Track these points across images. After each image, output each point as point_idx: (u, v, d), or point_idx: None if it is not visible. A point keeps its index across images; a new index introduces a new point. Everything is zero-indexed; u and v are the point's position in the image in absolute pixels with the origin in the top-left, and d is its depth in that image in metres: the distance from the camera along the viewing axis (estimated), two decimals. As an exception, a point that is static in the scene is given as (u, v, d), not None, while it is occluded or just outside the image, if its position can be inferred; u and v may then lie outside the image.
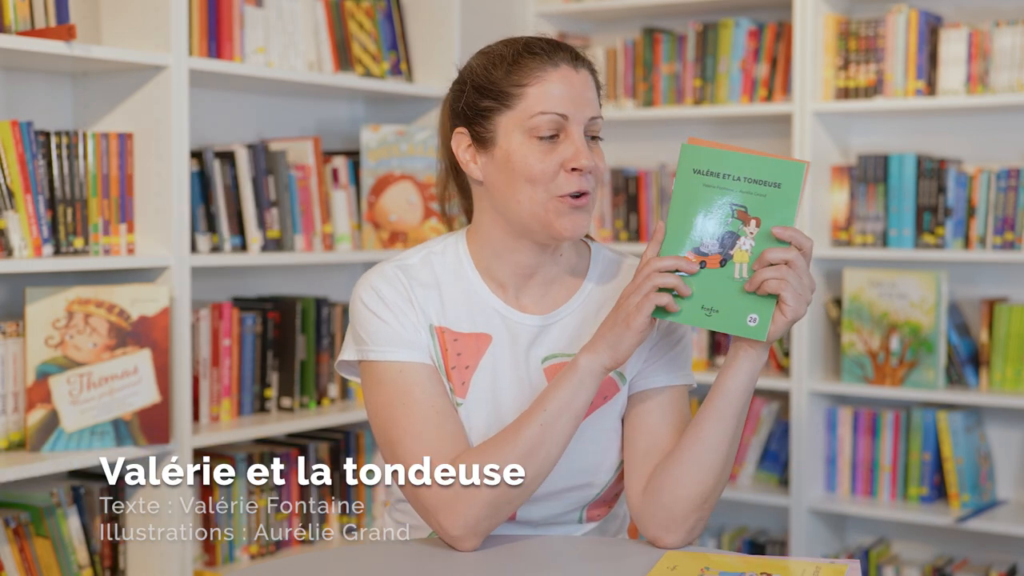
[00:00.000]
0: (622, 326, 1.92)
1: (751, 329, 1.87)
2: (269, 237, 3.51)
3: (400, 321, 2.03)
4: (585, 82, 2.02)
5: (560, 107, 1.98)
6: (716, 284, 1.88)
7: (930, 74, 4.01)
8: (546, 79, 1.99)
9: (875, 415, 4.11)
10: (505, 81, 2.01)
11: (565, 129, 1.99)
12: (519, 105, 2.00)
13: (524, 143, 1.99)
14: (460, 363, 2.05)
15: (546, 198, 1.99)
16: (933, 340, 3.95)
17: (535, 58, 2.00)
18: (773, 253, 1.86)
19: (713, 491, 1.96)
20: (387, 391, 2.01)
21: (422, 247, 2.14)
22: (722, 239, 1.89)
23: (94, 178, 3.09)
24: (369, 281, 2.07)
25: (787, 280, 1.85)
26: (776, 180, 1.87)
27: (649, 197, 4.50)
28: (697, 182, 1.90)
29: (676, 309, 1.89)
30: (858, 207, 4.10)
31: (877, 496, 4.10)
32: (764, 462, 4.33)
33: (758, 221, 1.87)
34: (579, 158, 1.97)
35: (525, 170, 1.99)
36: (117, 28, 3.22)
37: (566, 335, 2.08)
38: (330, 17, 3.71)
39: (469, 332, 2.07)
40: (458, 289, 2.09)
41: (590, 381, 1.95)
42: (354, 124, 4.09)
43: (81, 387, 3.01)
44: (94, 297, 3.02)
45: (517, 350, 2.07)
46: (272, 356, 3.56)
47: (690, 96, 4.41)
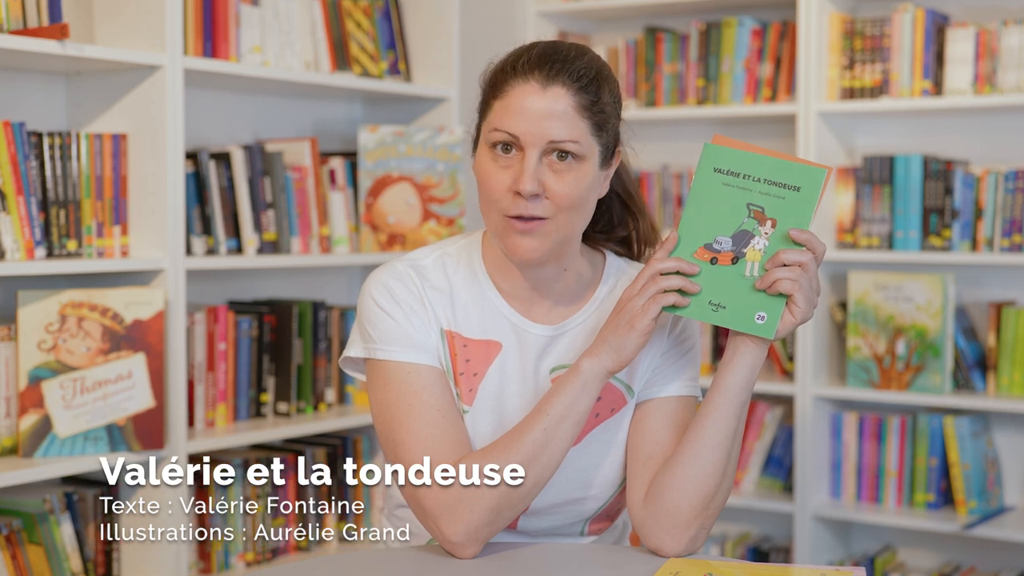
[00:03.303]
0: (626, 328, 1.93)
1: (759, 327, 1.90)
2: (265, 239, 3.51)
3: (411, 321, 2.03)
4: (553, 102, 1.95)
5: (511, 126, 1.95)
6: (726, 281, 1.91)
7: (937, 74, 4.01)
8: (509, 94, 1.96)
9: (881, 420, 4.11)
10: (486, 88, 2.02)
11: (520, 147, 1.95)
12: (488, 116, 2.00)
13: (486, 154, 1.99)
14: (468, 370, 2.05)
15: (499, 216, 1.98)
16: (940, 344, 3.95)
17: (512, 70, 1.97)
18: (788, 254, 1.88)
19: (716, 494, 1.96)
20: (394, 392, 2.01)
21: (435, 247, 2.13)
22: (736, 237, 1.91)
23: (87, 179, 3.09)
24: (380, 278, 2.07)
25: (799, 282, 1.87)
26: (796, 184, 1.90)
27: (651, 199, 4.50)
28: (717, 180, 1.93)
29: (685, 304, 1.91)
30: (863, 209, 4.10)
31: (883, 502, 4.10)
32: (768, 468, 4.33)
33: (774, 222, 1.91)
34: (519, 182, 1.93)
35: (482, 183, 1.99)
36: (111, 27, 3.22)
37: (576, 345, 2.08)
38: (327, 16, 3.71)
39: (479, 339, 2.07)
40: (470, 294, 2.08)
41: (593, 385, 1.95)
42: (351, 125, 4.09)
43: (74, 392, 3.01)
44: (87, 300, 3.02)
45: (526, 360, 2.07)
46: (268, 360, 3.55)
47: (693, 96, 4.41)
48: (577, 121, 1.96)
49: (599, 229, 2.18)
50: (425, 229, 3.77)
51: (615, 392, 2.06)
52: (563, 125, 1.94)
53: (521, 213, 1.95)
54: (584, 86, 1.97)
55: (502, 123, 1.96)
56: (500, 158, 1.96)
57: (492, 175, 1.97)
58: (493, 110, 1.98)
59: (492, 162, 1.97)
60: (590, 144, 1.97)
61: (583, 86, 1.97)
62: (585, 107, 1.97)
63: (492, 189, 1.96)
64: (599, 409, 2.06)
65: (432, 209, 3.77)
